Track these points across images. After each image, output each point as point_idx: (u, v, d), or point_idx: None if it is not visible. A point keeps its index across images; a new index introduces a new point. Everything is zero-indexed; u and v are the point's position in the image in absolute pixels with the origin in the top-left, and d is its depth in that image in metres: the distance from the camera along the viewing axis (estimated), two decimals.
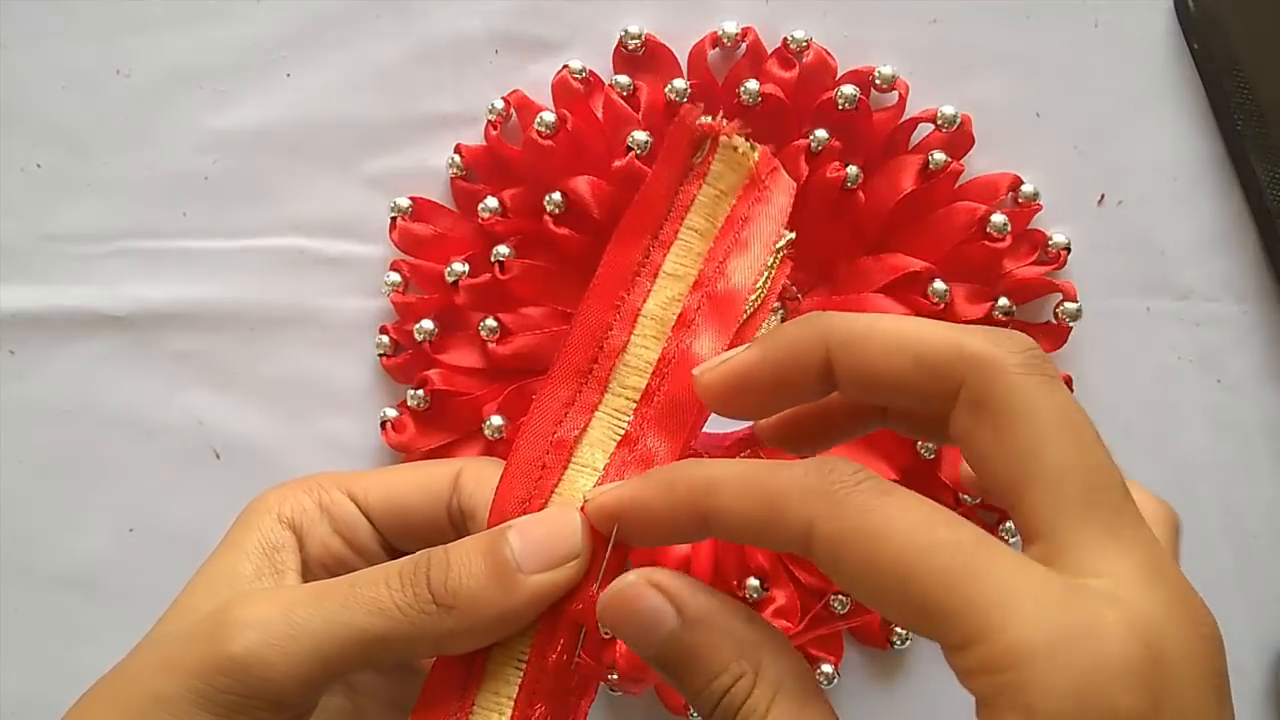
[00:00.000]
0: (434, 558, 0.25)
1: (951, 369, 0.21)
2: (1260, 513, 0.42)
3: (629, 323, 0.26)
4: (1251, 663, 0.42)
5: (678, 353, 0.26)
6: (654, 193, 0.27)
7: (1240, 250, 0.41)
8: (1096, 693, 0.17)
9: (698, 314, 0.26)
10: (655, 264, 0.27)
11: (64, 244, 0.43)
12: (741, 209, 0.27)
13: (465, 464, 0.30)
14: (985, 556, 0.19)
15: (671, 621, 0.22)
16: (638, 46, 0.40)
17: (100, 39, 0.42)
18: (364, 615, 0.24)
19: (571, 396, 0.26)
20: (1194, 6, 0.40)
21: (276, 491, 0.29)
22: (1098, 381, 0.41)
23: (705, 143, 0.27)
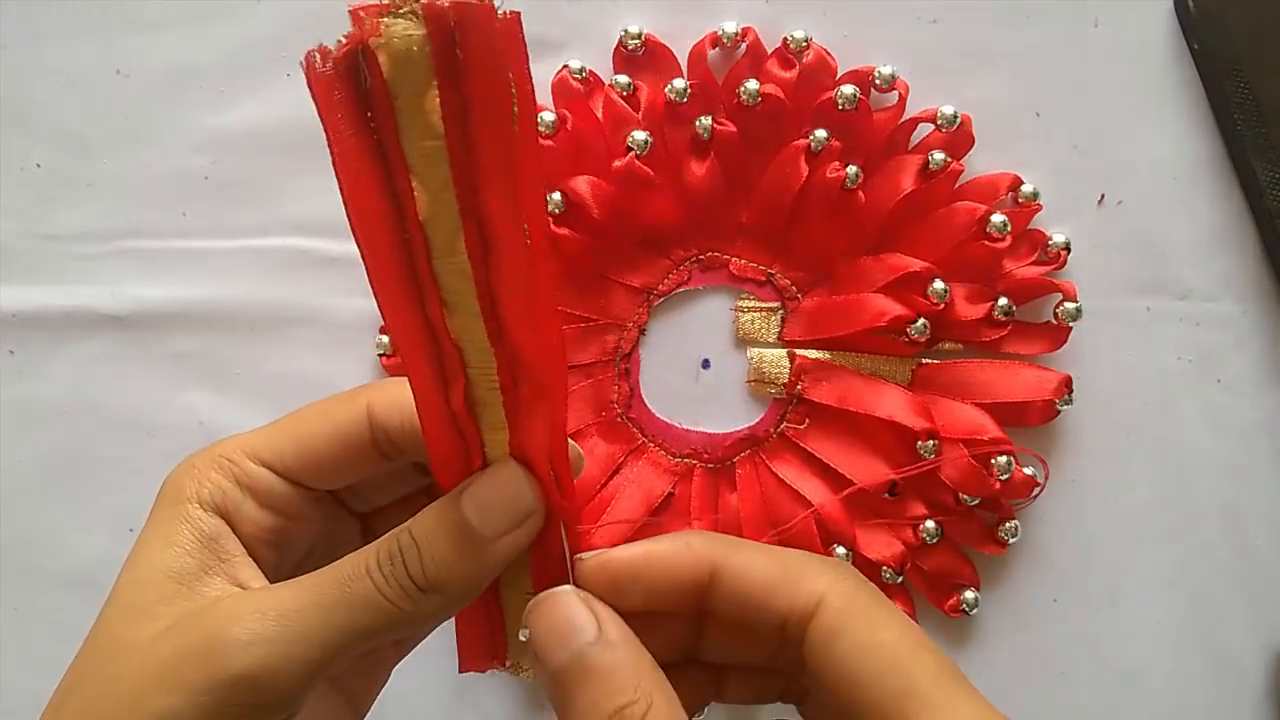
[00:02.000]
0: (405, 548, 0.25)
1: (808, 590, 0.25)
2: (1260, 513, 0.42)
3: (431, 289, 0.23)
4: (1251, 663, 0.42)
5: (492, 290, 0.23)
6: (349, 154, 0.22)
7: (1240, 250, 0.41)
8: None
9: (484, 241, 0.22)
10: (412, 216, 0.22)
11: (64, 244, 0.43)
12: (451, 99, 0.20)
13: (371, 396, 0.29)
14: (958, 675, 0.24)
15: (589, 635, 0.24)
16: (637, 46, 0.40)
17: (100, 39, 0.42)
18: (358, 613, 0.24)
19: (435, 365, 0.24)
20: (1194, 6, 0.40)
21: (185, 477, 0.28)
22: (1098, 381, 0.42)
23: (359, 63, 0.21)
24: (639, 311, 0.42)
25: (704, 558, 0.26)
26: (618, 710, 0.23)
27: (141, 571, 0.27)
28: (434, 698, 0.42)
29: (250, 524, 0.28)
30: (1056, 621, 0.42)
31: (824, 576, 0.25)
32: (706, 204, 0.41)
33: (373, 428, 0.28)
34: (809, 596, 0.25)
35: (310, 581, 0.25)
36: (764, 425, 0.42)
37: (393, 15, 0.20)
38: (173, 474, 0.28)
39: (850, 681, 0.24)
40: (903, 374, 0.41)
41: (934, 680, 0.24)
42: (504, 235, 0.22)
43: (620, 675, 0.24)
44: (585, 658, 0.24)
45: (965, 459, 0.39)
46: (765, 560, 0.26)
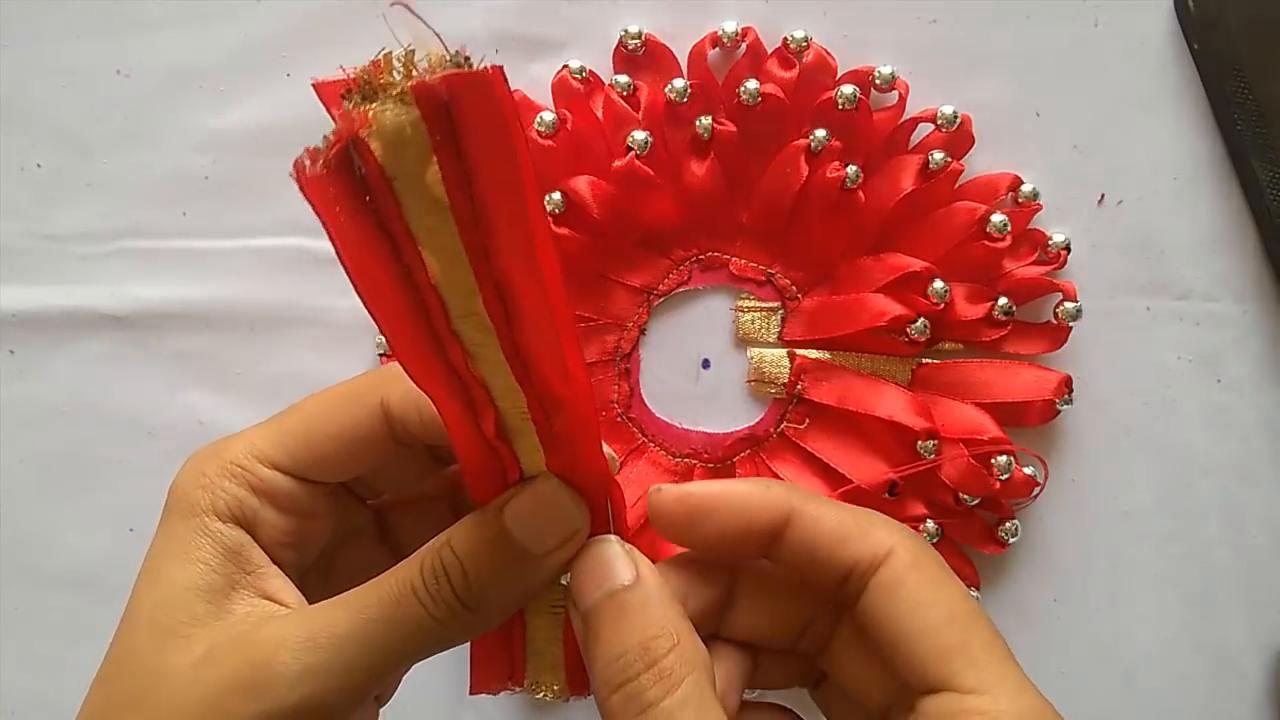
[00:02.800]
0: (449, 566, 0.25)
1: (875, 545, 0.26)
2: (1260, 513, 0.42)
3: (452, 342, 0.22)
4: (1251, 663, 0.42)
5: (515, 343, 0.22)
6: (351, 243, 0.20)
7: (1240, 250, 0.41)
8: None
9: (503, 300, 0.21)
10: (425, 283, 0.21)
11: (64, 244, 0.43)
12: (453, 172, 0.19)
13: (385, 390, 0.28)
14: (1007, 649, 0.25)
15: (626, 578, 0.25)
16: (638, 46, 0.40)
17: (100, 39, 0.42)
18: (407, 637, 0.24)
19: (464, 400, 0.24)
20: (1194, 6, 0.40)
21: (196, 487, 0.27)
22: (1098, 381, 0.42)
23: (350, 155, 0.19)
24: (639, 311, 0.42)
25: (782, 501, 0.26)
26: (642, 641, 0.23)
27: (165, 590, 0.26)
28: (434, 698, 0.42)
29: (270, 529, 0.27)
30: (1056, 621, 0.42)
31: (895, 534, 0.26)
32: (706, 204, 0.41)
33: (390, 423, 0.28)
34: (879, 548, 0.25)
35: (355, 604, 0.25)
36: (764, 425, 0.42)
37: (381, 102, 0.19)
38: (180, 482, 0.27)
39: (905, 632, 0.24)
40: (903, 374, 0.41)
41: (985, 646, 0.24)
42: (523, 293, 0.22)
43: (651, 612, 0.24)
44: (618, 596, 0.24)
45: (965, 459, 0.39)
46: (838, 511, 0.26)
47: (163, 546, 0.27)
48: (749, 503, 0.26)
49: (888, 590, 0.25)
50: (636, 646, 0.24)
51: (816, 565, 0.26)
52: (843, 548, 0.25)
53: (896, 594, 0.25)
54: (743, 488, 0.26)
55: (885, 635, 0.25)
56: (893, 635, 0.25)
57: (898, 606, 0.25)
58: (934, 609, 0.24)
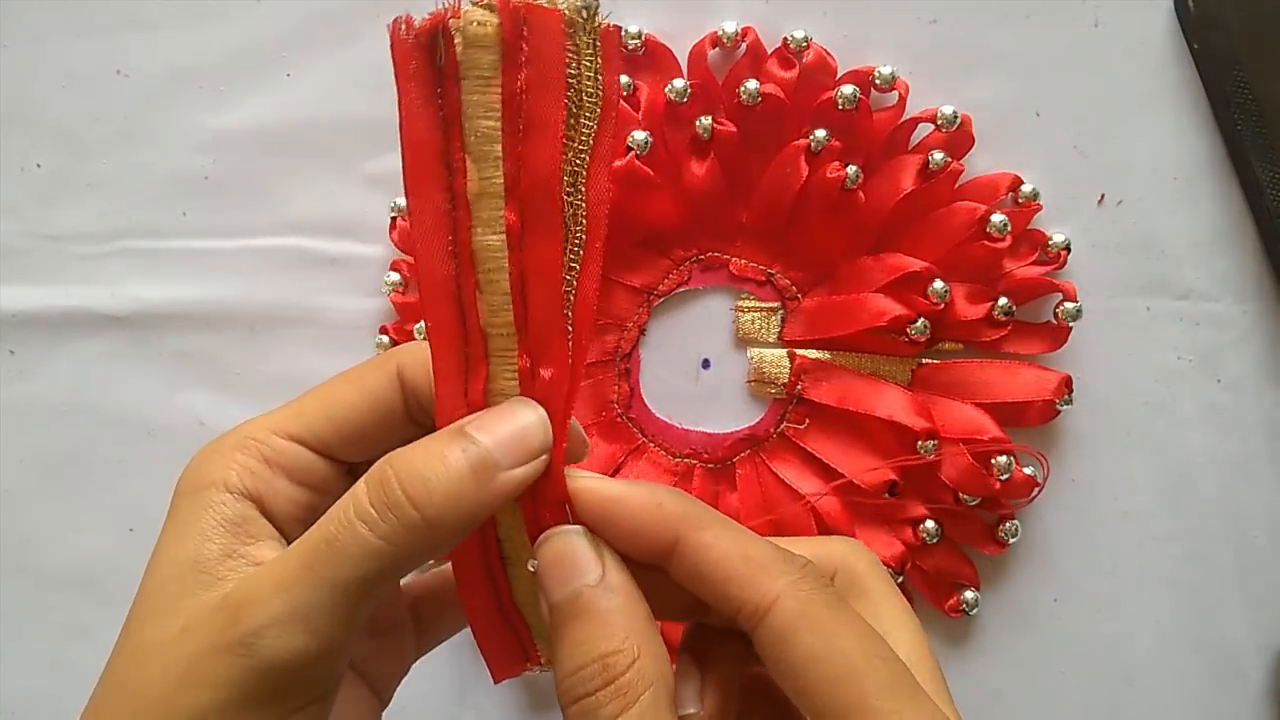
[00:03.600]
0: (401, 473, 0.23)
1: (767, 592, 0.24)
2: (1260, 513, 0.42)
3: (468, 264, 0.24)
4: (1251, 663, 0.42)
5: (524, 272, 0.24)
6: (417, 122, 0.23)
7: (1240, 250, 0.41)
8: None
9: (522, 223, 0.24)
10: (461, 192, 0.24)
11: (64, 244, 0.43)
12: (511, 83, 0.23)
13: (401, 359, 0.28)
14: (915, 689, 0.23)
15: (593, 577, 0.24)
16: (637, 46, 0.40)
17: (100, 39, 0.42)
18: (355, 565, 0.23)
19: (461, 355, 0.25)
20: (1194, 6, 0.40)
21: (210, 461, 0.27)
22: (1098, 381, 0.41)
23: (438, 39, 0.23)
24: (639, 311, 0.42)
25: (671, 522, 0.25)
26: (602, 656, 0.23)
27: (162, 568, 0.26)
28: (434, 698, 0.42)
29: (285, 502, 0.27)
30: (1056, 621, 0.42)
31: (785, 577, 0.24)
32: (706, 204, 0.41)
33: (404, 392, 0.27)
34: (764, 595, 0.24)
35: (301, 547, 0.24)
36: (764, 425, 0.42)
37: (472, 3, 0.22)
38: (191, 463, 0.27)
39: (800, 688, 0.23)
40: (903, 374, 0.41)
41: (884, 691, 0.23)
42: (542, 218, 0.23)
43: (613, 622, 0.24)
44: (583, 598, 0.24)
45: (965, 459, 0.39)
46: (729, 544, 0.24)
47: (167, 528, 0.26)
48: (638, 516, 0.25)
49: (777, 641, 0.23)
50: (596, 660, 0.23)
51: (704, 595, 0.25)
52: (728, 587, 0.24)
53: (787, 646, 0.23)
54: (637, 497, 0.25)
55: (785, 685, 0.24)
56: (792, 688, 0.23)
57: (789, 659, 0.23)
58: (824, 664, 0.23)
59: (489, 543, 0.27)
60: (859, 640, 0.23)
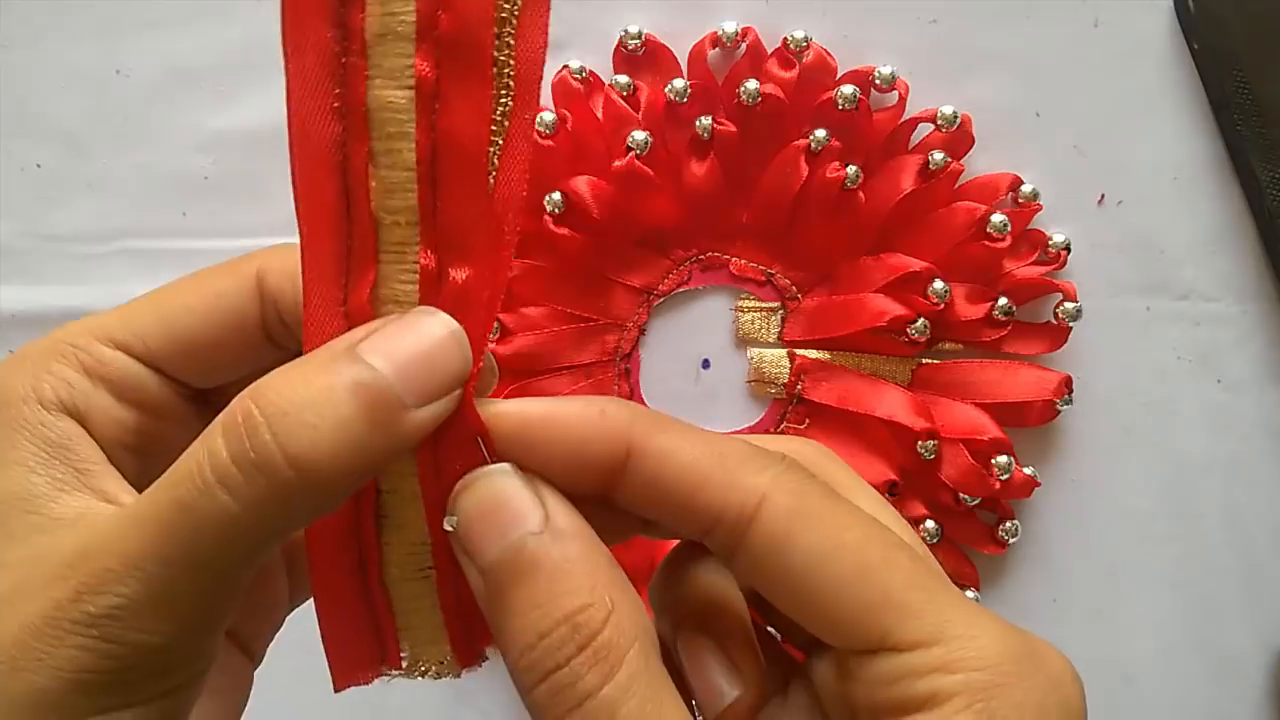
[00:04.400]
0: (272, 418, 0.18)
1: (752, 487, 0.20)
2: (1260, 513, 0.42)
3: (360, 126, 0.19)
4: (1251, 663, 0.42)
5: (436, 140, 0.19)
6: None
7: (1240, 250, 0.41)
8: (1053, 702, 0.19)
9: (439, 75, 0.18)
10: (356, 29, 0.18)
11: (64, 244, 0.43)
12: None
13: (263, 261, 0.23)
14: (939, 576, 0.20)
15: (534, 523, 0.19)
16: (638, 46, 0.40)
17: (100, 39, 0.42)
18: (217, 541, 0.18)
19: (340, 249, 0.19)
20: (1194, 6, 0.40)
21: (17, 371, 0.21)
22: (1098, 381, 0.41)
23: None
24: (639, 311, 0.42)
25: (619, 430, 0.20)
26: (570, 615, 0.18)
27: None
28: (433, 698, 0.42)
29: (107, 422, 0.21)
30: (1056, 621, 0.42)
31: (767, 471, 0.20)
32: (706, 204, 0.41)
33: (263, 301, 0.22)
34: (747, 494, 0.19)
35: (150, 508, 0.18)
36: (764, 425, 0.42)
37: None
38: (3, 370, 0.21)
39: (808, 595, 0.19)
40: (903, 374, 0.41)
41: (911, 584, 0.19)
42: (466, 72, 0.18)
43: (573, 573, 0.19)
44: (527, 550, 0.19)
45: (965, 459, 0.39)
46: (695, 445, 0.20)
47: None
48: (576, 431, 0.20)
49: (772, 548, 0.19)
50: (562, 621, 0.18)
51: (668, 513, 0.20)
52: (699, 494, 0.20)
53: (785, 551, 0.19)
54: (569, 409, 0.20)
55: (782, 598, 0.20)
56: (793, 599, 0.19)
57: (790, 565, 0.19)
58: (836, 562, 0.19)
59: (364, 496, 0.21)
60: (868, 531, 0.20)
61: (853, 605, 0.19)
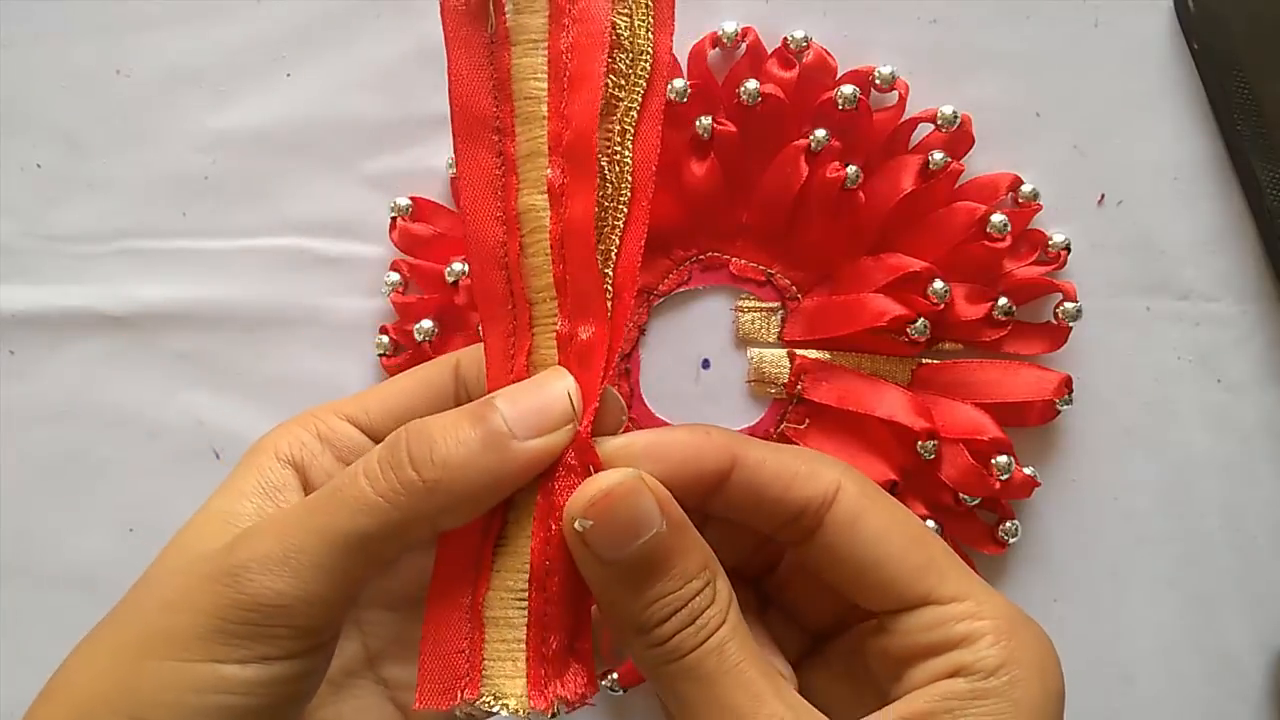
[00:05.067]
0: (411, 435, 0.24)
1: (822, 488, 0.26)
2: (1260, 513, 0.42)
3: (514, 227, 0.24)
4: (1251, 663, 0.42)
5: (564, 229, 0.24)
6: (467, 88, 0.24)
7: (1240, 250, 0.41)
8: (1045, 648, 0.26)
9: (564, 179, 0.24)
10: (510, 155, 0.24)
11: (64, 244, 0.43)
12: (557, 44, 0.23)
13: (461, 355, 0.30)
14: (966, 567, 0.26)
15: (658, 524, 0.23)
16: None
17: (100, 39, 0.42)
18: (350, 517, 0.23)
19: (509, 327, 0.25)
20: (1194, 6, 0.40)
21: (275, 432, 0.28)
22: (1098, 381, 0.41)
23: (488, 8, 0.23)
24: (639, 311, 0.42)
25: (725, 448, 0.25)
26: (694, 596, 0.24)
27: (197, 518, 0.27)
28: None
29: (323, 475, 0.28)
30: (1056, 621, 0.42)
31: (836, 469, 0.26)
32: (706, 204, 0.41)
33: (458, 384, 0.29)
34: (829, 485, 0.25)
35: (313, 495, 0.25)
36: (764, 425, 0.42)
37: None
38: (269, 432, 0.29)
39: (873, 560, 0.25)
40: (903, 374, 0.41)
41: (950, 561, 0.26)
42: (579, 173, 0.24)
43: (689, 561, 0.24)
44: (653, 548, 0.23)
45: (965, 459, 0.39)
46: (780, 454, 0.26)
47: (220, 486, 0.27)
48: (690, 450, 0.25)
49: (846, 524, 0.25)
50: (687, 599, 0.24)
51: (763, 509, 0.26)
52: (791, 489, 0.25)
53: (857, 526, 0.25)
54: (685, 436, 0.26)
55: (850, 565, 0.25)
56: (859, 565, 0.25)
57: (860, 537, 0.25)
58: (895, 534, 0.25)
59: (491, 524, 0.25)
60: (912, 517, 0.26)
61: (907, 569, 0.25)
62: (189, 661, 0.23)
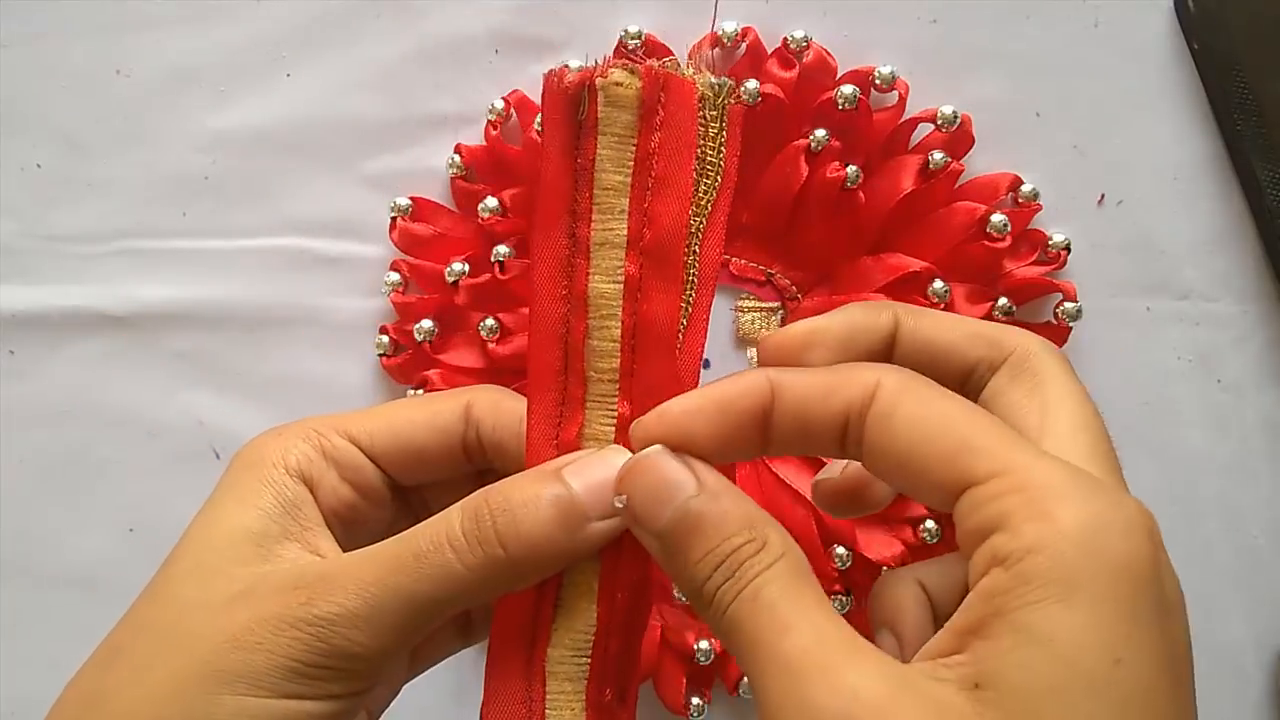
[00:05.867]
0: (495, 509, 0.25)
1: (1001, 343, 0.25)
2: (1260, 513, 0.42)
3: (580, 309, 0.25)
4: (1251, 663, 0.42)
5: (637, 321, 0.26)
6: (553, 168, 0.25)
7: (1240, 250, 0.41)
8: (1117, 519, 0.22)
9: (641, 274, 0.25)
10: (583, 239, 0.25)
11: (64, 244, 0.43)
12: (645, 144, 0.25)
13: (473, 395, 0.29)
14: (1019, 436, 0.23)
15: (690, 489, 0.24)
16: (638, 47, 0.40)
17: (100, 39, 0.42)
18: (434, 585, 0.24)
19: (558, 397, 0.26)
20: (1194, 6, 0.40)
21: (274, 441, 0.28)
22: (1098, 381, 0.41)
23: (583, 94, 0.25)
24: None
25: (759, 378, 0.24)
26: (734, 551, 0.23)
27: (216, 530, 0.26)
28: (433, 698, 0.42)
29: (330, 494, 0.28)
30: None
31: (877, 369, 0.24)
32: None
33: (467, 423, 0.29)
34: (865, 386, 0.24)
35: (388, 553, 0.25)
36: None
37: (619, 68, 0.24)
38: (254, 439, 0.28)
39: (906, 452, 0.23)
40: None
41: (991, 434, 0.22)
42: (664, 272, 0.25)
43: (730, 520, 0.23)
44: (691, 510, 0.23)
45: None
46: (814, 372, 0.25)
47: (223, 494, 0.27)
48: (728, 395, 0.25)
49: (884, 419, 0.23)
50: (728, 554, 0.23)
51: (811, 430, 0.24)
52: (832, 398, 0.24)
53: (893, 419, 0.23)
54: (722, 383, 0.25)
55: (892, 461, 0.23)
56: (899, 459, 0.23)
57: (898, 429, 0.23)
58: (927, 421, 0.23)
59: (547, 585, 0.27)
60: (961, 401, 0.23)
61: (939, 452, 0.23)
62: (266, 698, 0.24)
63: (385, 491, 0.29)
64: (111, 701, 0.25)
